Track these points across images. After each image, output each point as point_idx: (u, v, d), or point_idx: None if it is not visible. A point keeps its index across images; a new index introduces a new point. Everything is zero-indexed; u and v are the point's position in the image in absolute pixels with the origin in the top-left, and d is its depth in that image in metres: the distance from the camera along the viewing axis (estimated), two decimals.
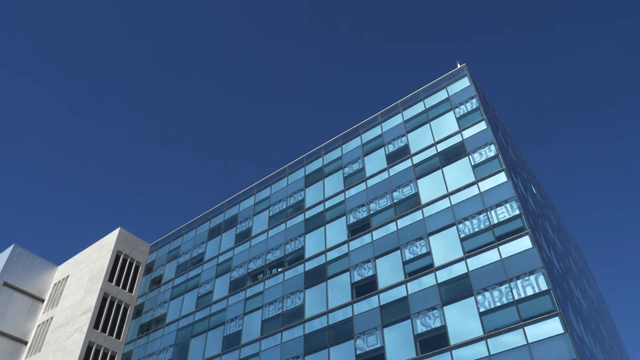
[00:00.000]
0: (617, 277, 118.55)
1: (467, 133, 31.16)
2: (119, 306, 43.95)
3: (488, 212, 27.22)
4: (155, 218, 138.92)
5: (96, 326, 41.41)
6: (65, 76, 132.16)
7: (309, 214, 35.83)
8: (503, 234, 26.12)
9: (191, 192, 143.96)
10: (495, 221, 26.71)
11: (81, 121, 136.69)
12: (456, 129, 31.92)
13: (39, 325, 47.14)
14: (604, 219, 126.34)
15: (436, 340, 25.17)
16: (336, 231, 33.20)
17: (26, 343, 46.48)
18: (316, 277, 32.05)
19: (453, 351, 24.31)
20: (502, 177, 27.94)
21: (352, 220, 32.98)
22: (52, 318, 46.05)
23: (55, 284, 49.83)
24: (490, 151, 29.29)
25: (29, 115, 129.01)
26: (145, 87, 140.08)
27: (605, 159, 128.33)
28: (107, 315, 42.60)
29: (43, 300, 49.24)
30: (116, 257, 45.65)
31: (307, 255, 33.60)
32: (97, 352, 40.67)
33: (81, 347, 39.86)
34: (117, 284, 44.68)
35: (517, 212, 26.22)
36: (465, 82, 33.62)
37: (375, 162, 34.85)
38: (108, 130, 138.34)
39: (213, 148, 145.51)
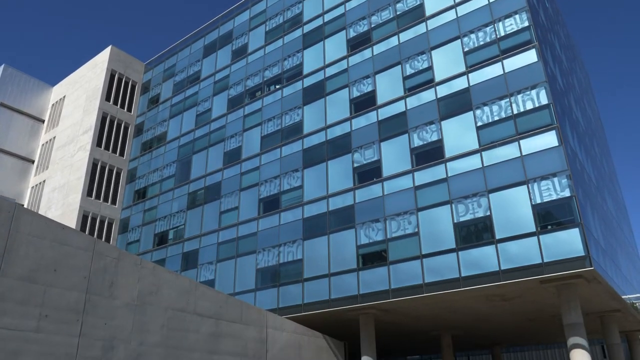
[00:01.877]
0: (619, 105, 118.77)
1: None
2: (119, 125, 44.34)
3: (495, 24, 25.79)
4: (147, 36, 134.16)
5: (99, 144, 42.22)
6: None
7: (307, 28, 34.10)
8: (509, 47, 25.07)
9: (181, 7, 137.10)
10: (502, 34, 25.44)
11: None
12: None
13: (42, 145, 48.13)
14: (614, 43, 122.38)
15: (432, 153, 25.68)
16: (335, 46, 31.91)
17: (33, 162, 47.91)
18: (314, 93, 31.65)
19: (447, 163, 24.93)
20: None
21: (352, 34, 31.48)
22: (54, 138, 46.80)
23: (53, 105, 49.72)
24: None
25: None
26: None
27: None
28: (108, 134, 43.19)
29: (43, 121, 49.58)
30: (111, 76, 44.77)
31: (305, 72, 32.77)
32: (102, 168, 42.05)
33: (87, 164, 41.09)
34: (115, 103, 44.50)
35: (526, 23, 24.83)
36: None
37: None
38: None
39: None
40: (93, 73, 45.93)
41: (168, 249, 35.80)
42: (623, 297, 28.03)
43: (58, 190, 42.80)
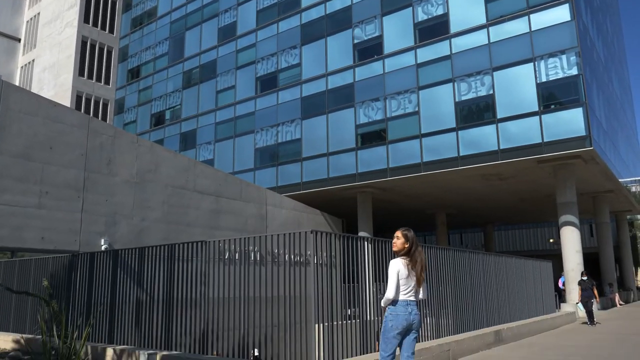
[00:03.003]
0: None
1: None
2: (106, 0, 41.94)
3: None
4: None
5: (86, 21, 40.18)
6: None
7: None
8: None
9: None
10: None
11: None
12: None
13: (27, 22, 45.88)
14: None
15: (436, 28, 24.46)
16: None
17: (19, 40, 45.97)
18: None
19: (452, 39, 23.84)
20: None
21: None
22: (39, 14, 44.47)
23: None
24: None
25: None
26: None
27: None
28: (95, 8, 40.92)
29: None
30: None
31: None
32: (92, 46, 40.40)
33: (75, 42, 39.41)
34: None
35: None
36: None
37: None
38: None
39: None
40: None
41: (165, 129, 35.53)
42: (620, 180, 28.39)
43: (48, 70, 41.51)
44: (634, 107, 45.74)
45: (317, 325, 6.98)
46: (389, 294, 4.89)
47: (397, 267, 4.95)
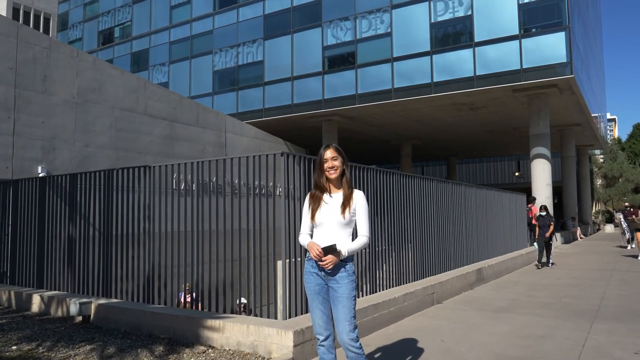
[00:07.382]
0: None
1: None
2: None
3: None
4: None
5: None
6: None
7: None
8: None
9: None
10: None
11: None
12: None
13: None
14: None
15: None
16: None
17: None
18: None
19: None
20: None
21: None
22: None
23: None
24: None
25: None
26: None
27: None
28: None
29: None
30: None
31: None
32: (26, 14, 35.88)
33: (6, 10, 34.85)
34: None
35: None
36: None
37: None
38: None
39: None
40: None
41: (115, 48, 32.56)
42: (593, 114, 27.77)
43: None
44: (602, 36, 45.00)
45: (280, 262, 5.74)
46: (368, 233, 3.42)
47: None
